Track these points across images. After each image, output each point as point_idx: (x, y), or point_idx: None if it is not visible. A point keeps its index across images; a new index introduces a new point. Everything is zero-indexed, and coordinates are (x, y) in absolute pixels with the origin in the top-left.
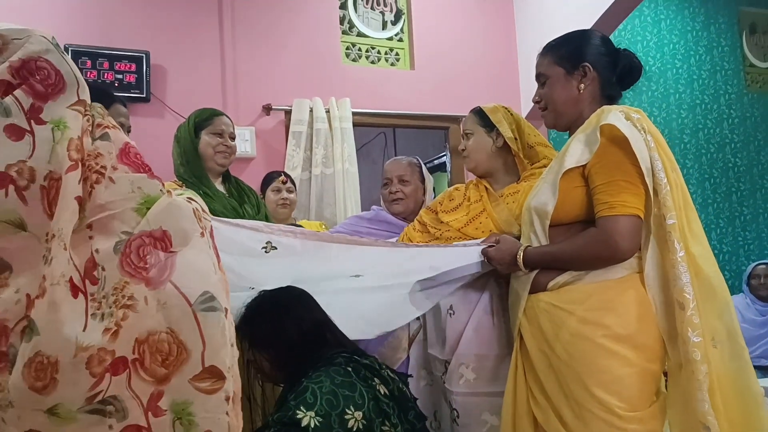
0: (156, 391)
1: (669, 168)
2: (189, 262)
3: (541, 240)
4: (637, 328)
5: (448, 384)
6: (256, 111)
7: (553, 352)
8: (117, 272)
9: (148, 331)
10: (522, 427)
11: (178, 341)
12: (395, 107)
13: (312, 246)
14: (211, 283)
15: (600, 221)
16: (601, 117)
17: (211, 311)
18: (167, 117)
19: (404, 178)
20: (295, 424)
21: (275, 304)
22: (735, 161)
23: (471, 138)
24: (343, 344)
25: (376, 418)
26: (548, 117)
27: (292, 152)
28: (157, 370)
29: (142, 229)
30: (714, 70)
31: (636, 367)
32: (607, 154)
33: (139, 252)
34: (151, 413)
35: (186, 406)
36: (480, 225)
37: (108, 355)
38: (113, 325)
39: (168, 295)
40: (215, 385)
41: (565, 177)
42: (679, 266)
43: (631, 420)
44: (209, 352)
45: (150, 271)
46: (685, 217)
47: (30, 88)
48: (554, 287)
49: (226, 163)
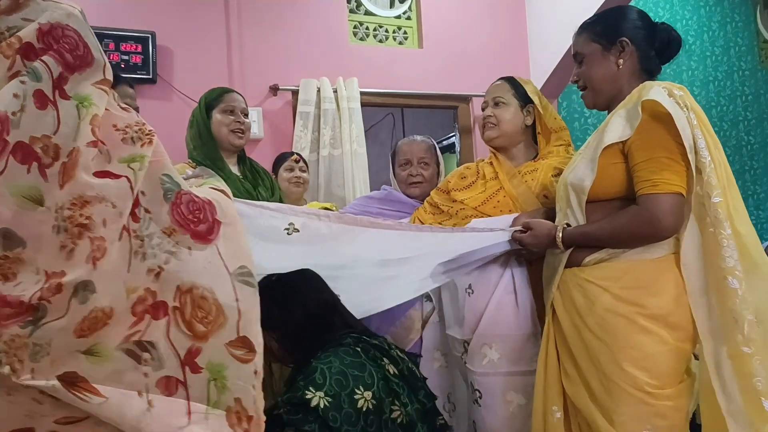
0: (194, 346)
1: (712, 146)
2: (231, 235)
3: (578, 216)
4: (672, 308)
5: (470, 364)
6: (263, 91)
7: (586, 326)
8: (167, 217)
9: (192, 283)
10: (551, 399)
11: (218, 304)
12: (403, 87)
13: (336, 230)
14: (248, 258)
15: (642, 199)
16: (643, 92)
17: (248, 285)
18: (174, 98)
19: (425, 161)
20: (304, 404)
21: (284, 285)
22: (748, 139)
23: (503, 107)
24: (351, 325)
25: (386, 398)
26: (587, 96)
27: (300, 133)
28: (196, 326)
29: (189, 189)
30: (727, 46)
31: (669, 346)
32: (648, 130)
33: (189, 206)
34: (188, 368)
35: (221, 369)
36: (498, 203)
37: (150, 296)
38: (156, 267)
39: (212, 255)
40: (248, 356)
41: (605, 153)
42: (727, 246)
43: (659, 397)
44: (244, 322)
45: (198, 225)
46: (730, 195)
47: (59, 55)
48: (590, 263)
49: (241, 143)
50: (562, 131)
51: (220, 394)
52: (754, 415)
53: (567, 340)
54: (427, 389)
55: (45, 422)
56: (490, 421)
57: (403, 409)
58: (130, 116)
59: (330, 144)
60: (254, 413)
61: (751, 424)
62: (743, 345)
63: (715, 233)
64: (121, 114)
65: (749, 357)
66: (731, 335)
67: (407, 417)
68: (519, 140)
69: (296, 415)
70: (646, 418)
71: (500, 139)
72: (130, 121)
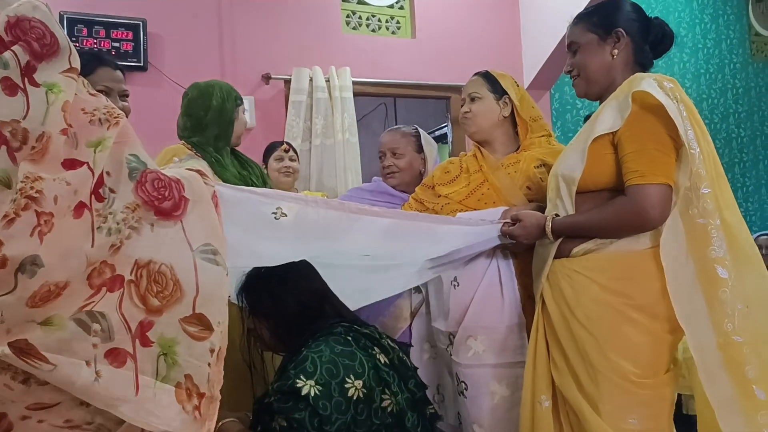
0: (147, 320)
1: (701, 138)
2: (199, 212)
3: (567, 206)
4: (657, 299)
5: (455, 356)
6: (255, 80)
7: (574, 316)
8: (131, 194)
9: (150, 258)
10: (540, 389)
11: (176, 278)
12: (396, 77)
13: (325, 216)
14: (217, 236)
15: (630, 189)
16: (633, 84)
17: (211, 263)
18: (165, 86)
19: (397, 151)
20: (295, 392)
21: (275, 273)
22: (738, 132)
23: (478, 102)
24: (342, 314)
25: (376, 387)
26: (580, 85)
27: (292, 122)
28: (150, 299)
29: (156, 168)
30: (719, 39)
31: (653, 336)
32: (638, 121)
33: (155, 183)
34: (138, 341)
35: (173, 344)
36: (482, 196)
37: (108, 269)
38: (118, 242)
39: (175, 232)
40: (203, 333)
41: (595, 144)
42: (716, 236)
43: (643, 386)
44: (201, 299)
45: (163, 202)
46: (719, 187)
47: (27, 45)
48: (578, 254)
49: (240, 141)
50: (540, 120)
51: (169, 369)
52: (746, 404)
53: (555, 330)
54: (417, 379)
55: (16, 408)
56: (474, 412)
57: (394, 398)
58: (98, 100)
59: (322, 133)
60: (207, 390)
61: (742, 412)
62: (734, 334)
63: (704, 224)
64: (89, 99)
65: (740, 346)
66: (720, 325)
67: (397, 406)
68: (498, 133)
69: (287, 403)
70: (631, 407)
71: (478, 133)
72: (98, 104)
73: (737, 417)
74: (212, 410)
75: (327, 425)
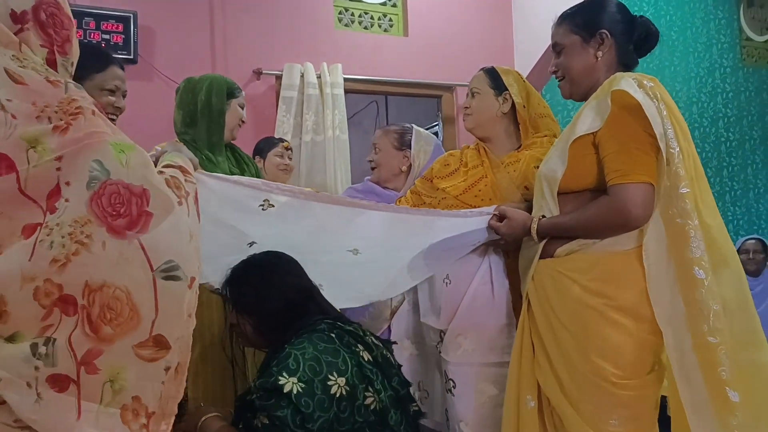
0: (96, 348)
1: (681, 137)
2: (163, 228)
3: (551, 207)
4: (639, 300)
5: (444, 354)
6: (246, 75)
7: (556, 317)
8: (84, 207)
9: (103, 280)
10: (525, 389)
11: (132, 304)
12: (388, 74)
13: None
14: (181, 251)
15: (612, 189)
16: (613, 83)
17: (172, 280)
18: (155, 80)
19: (376, 147)
20: (277, 390)
21: (262, 269)
22: (727, 136)
23: (477, 97)
24: (326, 311)
25: (360, 384)
26: (564, 87)
27: (283, 118)
28: (103, 328)
29: (121, 177)
30: (710, 43)
31: (634, 337)
32: (618, 121)
33: (111, 198)
34: (84, 368)
35: (121, 371)
36: (479, 192)
37: (54, 289)
38: (63, 257)
39: (132, 251)
40: (157, 354)
41: (575, 144)
42: (694, 236)
43: (624, 387)
44: (160, 321)
45: (117, 219)
46: (698, 187)
47: None
48: (561, 254)
49: (235, 136)
50: (545, 118)
51: (115, 395)
52: (719, 406)
53: (539, 330)
54: (401, 376)
55: None
56: (462, 410)
57: (377, 396)
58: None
59: (312, 130)
60: (157, 409)
61: (715, 414)
62: (709, 335)
63: (682, 224)
64: (45, 90)
65: (714, 347)
66: (697, 326)
67: (380, 404)
68: (498, 129)
69: (269, 401)
70: (612, 408)
71: (477, 129)
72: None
73: (710, 419)
74: (165, 425)
75: (309, 423)
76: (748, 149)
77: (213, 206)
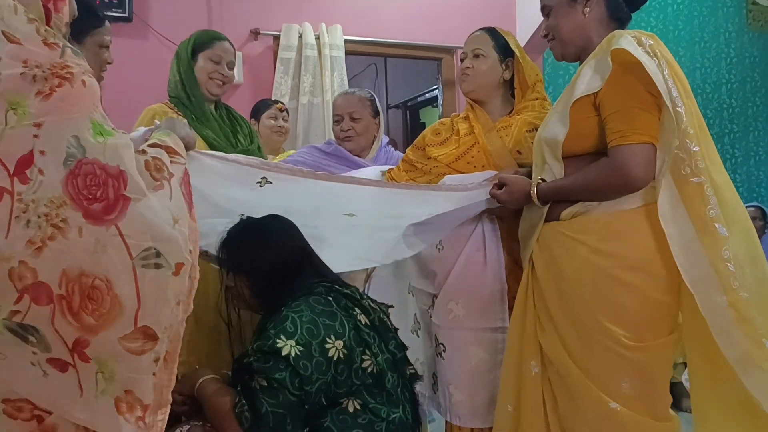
0: (82, 338)
1: (684, 95)
2: (141, 213)
3: (555, 171)
4: (650, 257)
5: (434, 318)
6: (244, 35)
7: (564, 280)
8: (59, 186)
9: (81, 269)
10: (529, 354)
11: (113, 294)
12: (388, 36)
13: (312, 186)
14: (162, 237)
15: (612, 150)
16: (612, 42)
17: (154, 268)
18: (150, 39)
19: (354, 116)
20: (275, 352)
21: (258, 230)
22: (730, 101)
23: (481, 59)
24: (323, 274)
25: (357, 347)
26: (555, 48)
27: (280, 80)
28: (85, 318)
29: (96, 156)
30: (715, 7)
31: (645, 298)
32: (618, 80)
33: (87, 180)
34: (76, 355)
35: (110, 363)
36: (472, 159)
37: (29, 273)
38: (39, 240)
39: (110, 238)
40: (145, 347)
41: (576, 106)
42: (711, 195)
43: (635, 349)
44: (144, 311)
45: (93, 203)
46: (705, 145)
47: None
48: (567, 217)
49: (218, 93)
50: (538, 84)
51: (108, 384)
52: (760, 358)
53: (544, 294)
54: (397, 339)
55: None
56: (451, 373)
57: (374, 359)
58: (51, 55)
59: (310, 92)
60: (151, 401)
61: (757, 367)
62: (741, 291)
63: (698, 183)
64: (40, 51)
65: (747, 302)
66: (727, 283)
67: (378, 366)
68: (496, 94)
69: (267, 363)
70: (623, 370)
71: (476, 92)
72: (45, 60)
73: (757, 370)
74: (161, 415)
75: (307, 385)
76: (750, 115)
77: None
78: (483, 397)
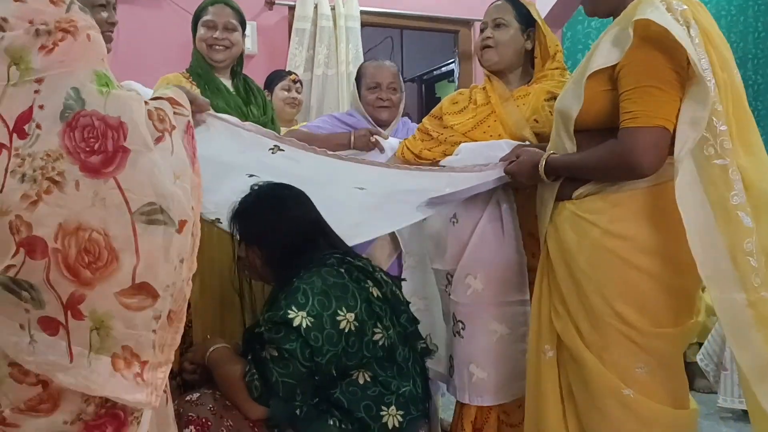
0: (78, 292)
1: (718, 67)
2: (142, 166)
3: (567, 144)
4: (665, 238)
5: (453, 295)
6: (259, 5)
7: (575, 262)
8: (56, 139)
9: (78, 223)
10: (544, 338)
11: (111, 247)
12: (403, 7)
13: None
14: (163, 193)
15: (621, 133)
16: (638, 10)
17: (154, 224)
18: (165, 7)
19: (393, 86)
20: (286, 323)
21: (270, 201)
22: (756, 78)
23: (504, 30)
24: (336, 246)
25: (368, 320)
26: (586, 3)
27: (295, 51)
28: (81, 271)
29: (96, 108)
30: None
31: (661, 282)
32: (638, 55)
33: (85, 132)
34: (70, 312)
35: (106, 319)
36: (488, 128)
37: (23, 227)
38: (34, 194)
39: (108, 191)
40: (143, 303)
41: (592, 79)
42: (736, 180)
43: (652, 335)
44: (142, 268)
45: (90, 156)
46: (735, 122)
47: None
48: (579, 196)
49: (221, 58)
50: (558, 54)
51: (103, 342)
52: None
53: (557, 276)
54: (409, 313)
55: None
56: (471, 350)
57: (385, 332)
58: (57, 11)
59: (324, 63)
60: (151, 357)
61: None
62: (763, 290)
63: (723, 165)
64: (45, 8)
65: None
66: (749, 280)
67: (389, 340)
68: (517, 65)
69: (278, 334)
70: (638, 355)
71: (498, 64)
72: (50, 18)
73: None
74: (161, 373)
75: (318, 356)
76: None
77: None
78: (506, 372)
